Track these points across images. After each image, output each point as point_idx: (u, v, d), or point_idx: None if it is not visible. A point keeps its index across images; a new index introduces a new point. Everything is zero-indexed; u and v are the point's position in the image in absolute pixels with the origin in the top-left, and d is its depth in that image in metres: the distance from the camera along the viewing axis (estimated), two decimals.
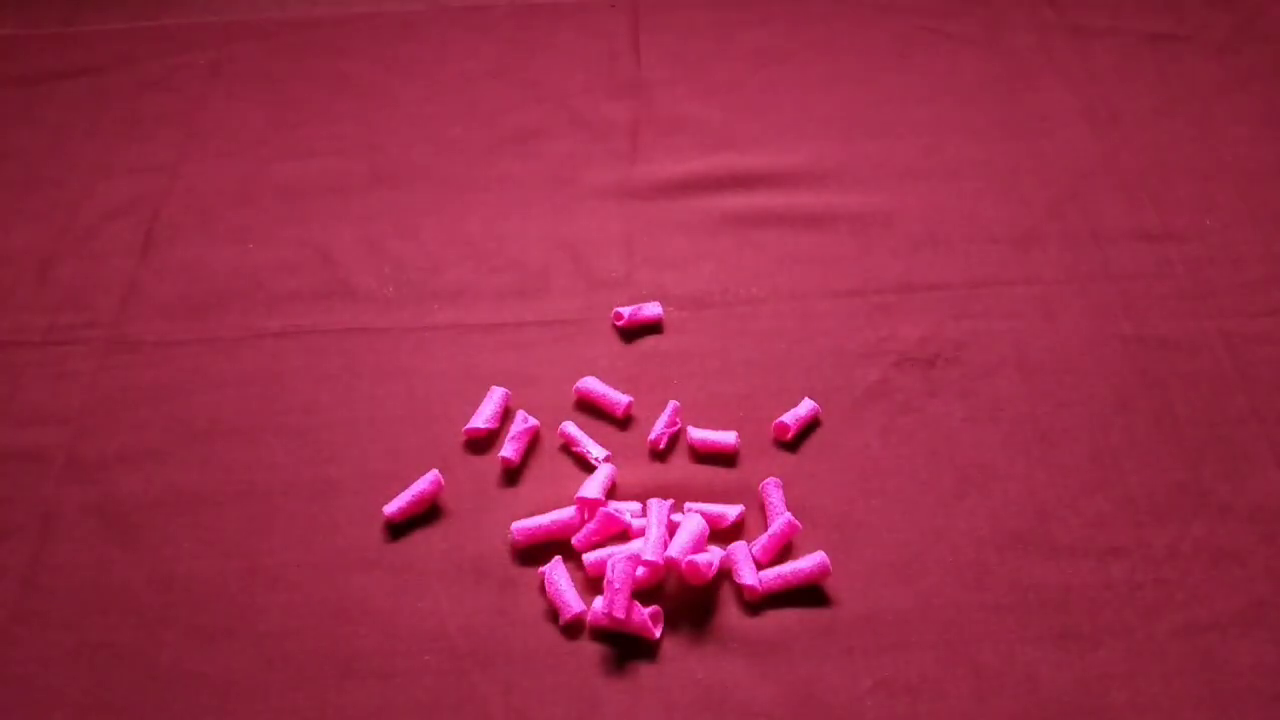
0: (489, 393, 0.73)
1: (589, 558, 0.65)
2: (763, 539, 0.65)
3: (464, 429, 0.72)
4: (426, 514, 0.68)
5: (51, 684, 0.62)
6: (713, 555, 0.64)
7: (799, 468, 0.70)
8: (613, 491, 0.69)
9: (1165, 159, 0.88)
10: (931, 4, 1.02)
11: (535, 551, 0.66)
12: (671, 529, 0.65)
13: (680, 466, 0.70)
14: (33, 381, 0.77)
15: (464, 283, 0.82)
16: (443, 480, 0.69)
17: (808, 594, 0.64)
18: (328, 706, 0.60)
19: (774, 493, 0.67)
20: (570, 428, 0.71)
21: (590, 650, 0.62)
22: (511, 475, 0.70)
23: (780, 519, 0.65)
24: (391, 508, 0.68)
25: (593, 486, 0.67)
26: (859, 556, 0.65)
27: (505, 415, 0.73)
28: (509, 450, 0.70)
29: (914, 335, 0.76)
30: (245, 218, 0.87)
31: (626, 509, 0.66)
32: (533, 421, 0.72)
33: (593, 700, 0.60)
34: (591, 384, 0.73)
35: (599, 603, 0.62)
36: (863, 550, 0.66)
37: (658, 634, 0.62)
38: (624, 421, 0.72)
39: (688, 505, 0.67)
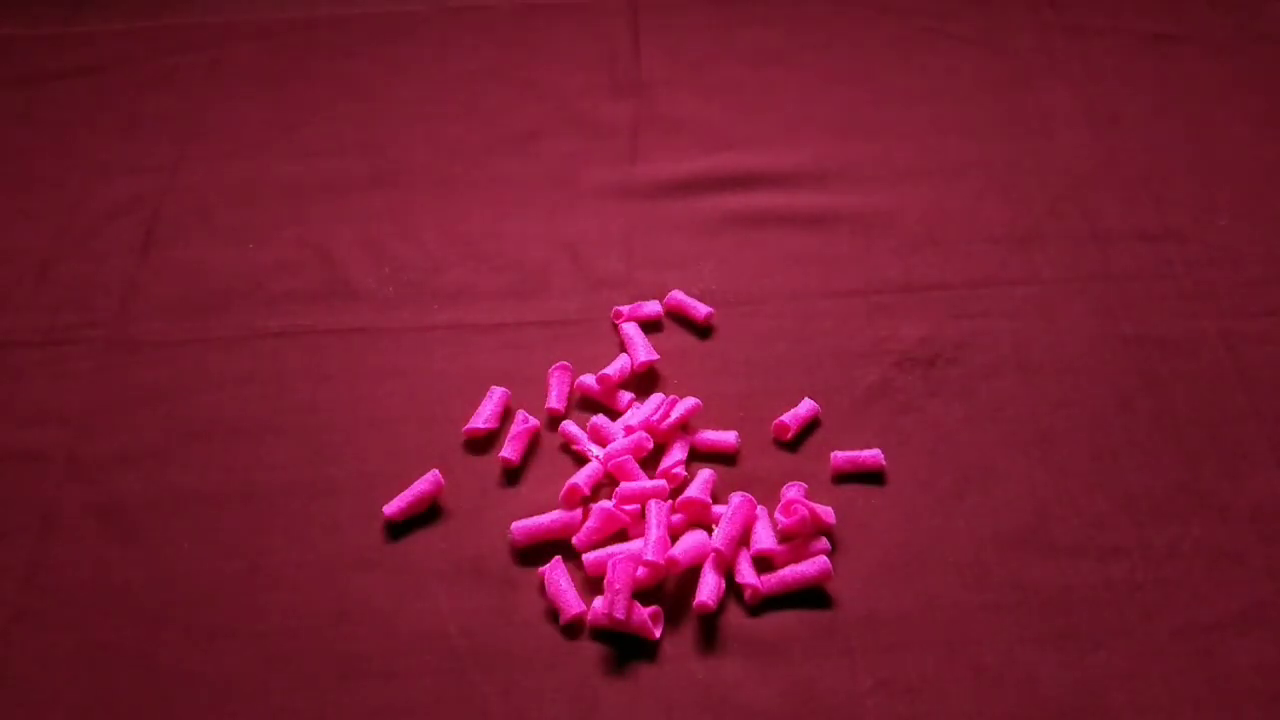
0: (489, 393, 0.73)
1: (589, 558, 0.65)
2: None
3: (464, 429, 0.72)
4: (426, 514, 0.68)
5: (51, 684, 0.62)
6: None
7: (799, 468, 0.70)
8: (600, 490, 0.69)
9: (1165, 159, 0.88)
10: (931, 4, 1.02)
11: (535, 551, 0.66)
12: (673, 528, 0.65)
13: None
14: (33, 381, 0.77)
15: (464, 283, 0.82)
16: (443, 480, 0.69)
17: (808, 594, 0.64)
18: (328, 706, 0.60)
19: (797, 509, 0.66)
20: (570, 426, 0.71)
21: (590, 650, 0.62)
22: (511, 475, 0.70)
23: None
24: (391, 508, 0.68)
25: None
26: (859, 556, 0.65)
27: (505, 415, 0.73)
28: (509, 450, 0.70)
29: (914, 335, 0.76)
30: (245, 218, 0.87)
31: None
32: (533, 421, 0.72)
33: (593, 700, 0.60)
34: (591, 382, 0.73)
35: (599, 603, 0.62)
36: (863, 550, 0.66)
37: (658, 634, 0.62)
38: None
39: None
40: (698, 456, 0.71)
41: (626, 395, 0.73)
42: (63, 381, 0.77)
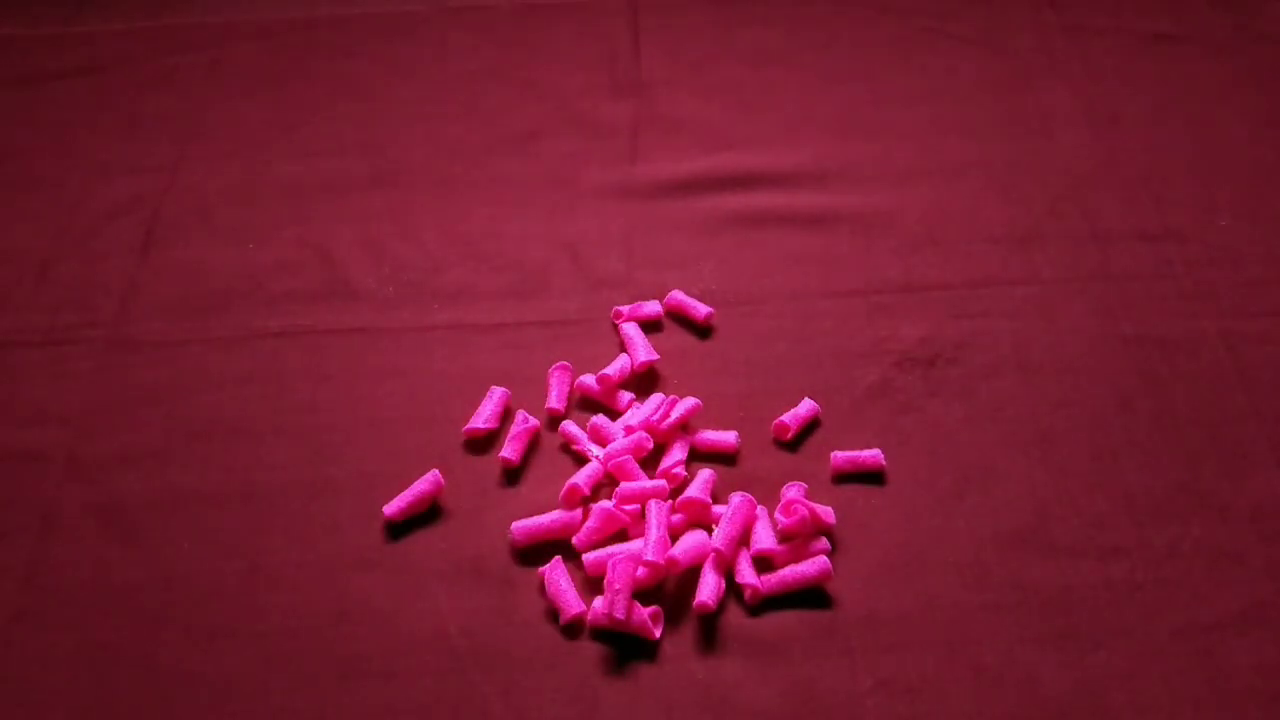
0: (489, 393, 0.73)
1: (589, 558, 0.65)
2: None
3: (464, 429, 0.72)
4: (426, 514, 0.68)
5: (51, 684, 0.62)
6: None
7: (799, 468, 0.70)
8: (600, 490, 0.69)
9: (1165, 159, 0.88)
10: (931, 4, 1.02)
11: (535, 551, 0.66)
12: (673, 528, 0.65)
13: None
14: (33, 381, 0.77)
15: (464, 283, 0.82)
16: (443, 480, 0.69)
17: (808, 594, 0.64)
18: (328, 706, 0.60)
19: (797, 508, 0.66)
20: (570, 426, 0.71)
21: (590, 650, 0.62)
22: (511, 475, 0.70)
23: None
24: (391, 508, 0.68)
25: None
26: (859, 556, 0.66)
27: (505, 415, 0.73)
28: (509, 450, 0.70)
29: (914, 335, 0.76)
30: (245, 218, 0.87)
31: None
32: (533, 421, 0.72)
33: (593, 700, 0.60)
34: (591, 382, 0.73)
35: (599, 603, 0.62)
36: (863, 550, 0.66)
37: (658, 634, 0.62)
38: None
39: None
40: (698, 456, 0.71)
41: (626, 395, 0.73)
42: (63, 381, 0.77)
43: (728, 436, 0.70)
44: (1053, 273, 0.80)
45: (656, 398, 0.72)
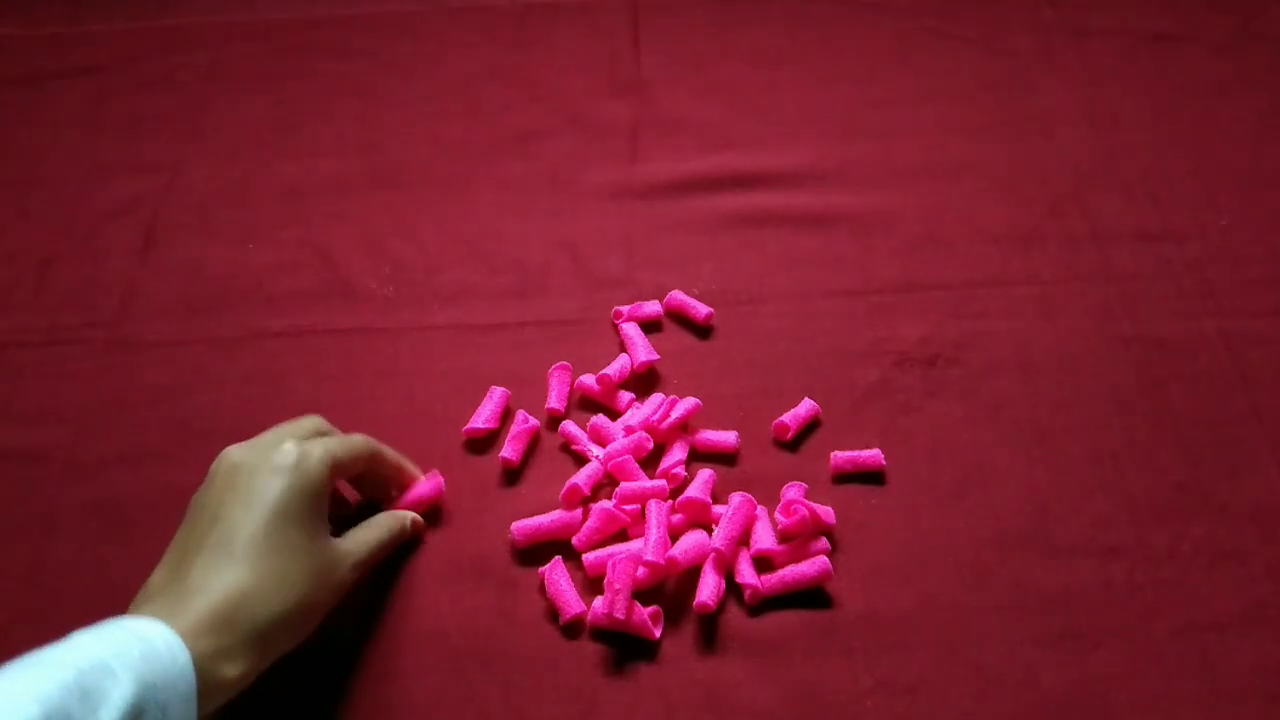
0: (489, 393, 0.73)
1: (589, 558, 0.65)
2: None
3: (464, 429, 0.72)
4: (427, 514, 0.68)
5: None
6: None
7: (799, 468, 0.70)
8: (600, 490, 0.69)
9: (1165, 159, 0.88)
10: (931, 4, 1.02)
11: (535, 551, 0.66)
12: (673, 528, 0.65)
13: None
14: (33, 381, 0.77)
15: (464, 283, 0.82)
16: (443, 480, 0.69)
17: (808, 594, 0.64)
18: (328, 706, 0.60)
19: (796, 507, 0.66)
20: (570, 426, 0.71)
21: (590, 650, 0.62)
22: (511, 475, 0.70)
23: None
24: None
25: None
26: (859, 556, 0.66)
27: (505, 415, 0.73)
28: (509, 450, 0.70)
29: (914, 335, 0.76)
30: (245, 218, 0.87)
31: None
32: (533, 421, 0.72)
33: (593, 700, 0.60)
34: (591, 382, 0.73)
35: (599, 603, 0.62)
36: (863, 550, 0.66)
37: (658, 634, 0.62)
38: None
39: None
40: (698, 456, 0.71)
41: (626, 395, 0.73)
42: (63, 381, 0.77)
43: (728, 436, 0.70)
44: (1053, 273, 0.80)
45: (656, 398, 0.72)
